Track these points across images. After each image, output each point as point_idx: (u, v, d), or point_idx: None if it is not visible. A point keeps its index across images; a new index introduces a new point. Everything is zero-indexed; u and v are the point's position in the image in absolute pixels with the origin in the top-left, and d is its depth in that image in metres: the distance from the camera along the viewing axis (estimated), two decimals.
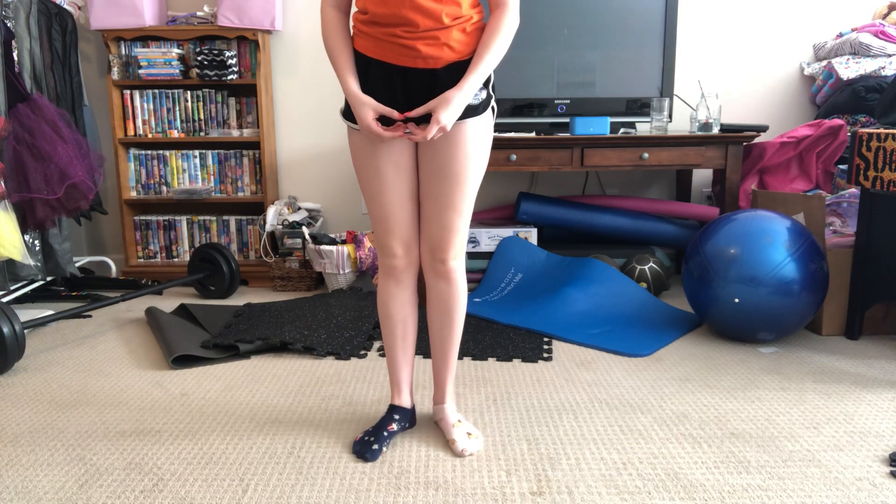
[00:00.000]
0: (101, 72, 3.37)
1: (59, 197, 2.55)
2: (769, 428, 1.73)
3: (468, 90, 1.42)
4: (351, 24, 1.52)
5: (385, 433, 1.65)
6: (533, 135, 2.87)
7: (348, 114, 1.52)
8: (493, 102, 1.54)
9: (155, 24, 3.12)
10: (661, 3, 2.96)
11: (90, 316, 2.77)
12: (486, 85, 1.50)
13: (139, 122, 3.23)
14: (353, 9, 1.53)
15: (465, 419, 1.76)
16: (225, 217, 3.33)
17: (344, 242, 3.04)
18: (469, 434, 1.66)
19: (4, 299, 2.66)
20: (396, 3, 1.40)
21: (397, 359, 1.70)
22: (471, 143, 1.50)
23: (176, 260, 3.36)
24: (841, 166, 2.97)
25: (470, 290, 3.02)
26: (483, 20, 1.50)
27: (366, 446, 1.61)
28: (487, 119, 1.53)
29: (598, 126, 2.83)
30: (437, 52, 1.43)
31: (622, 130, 2.97)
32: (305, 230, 3.09)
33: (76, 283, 3.14)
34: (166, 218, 3.33)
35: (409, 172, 1.55)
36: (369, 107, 1.45)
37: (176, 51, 3.12)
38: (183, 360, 2.22)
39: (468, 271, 3.04)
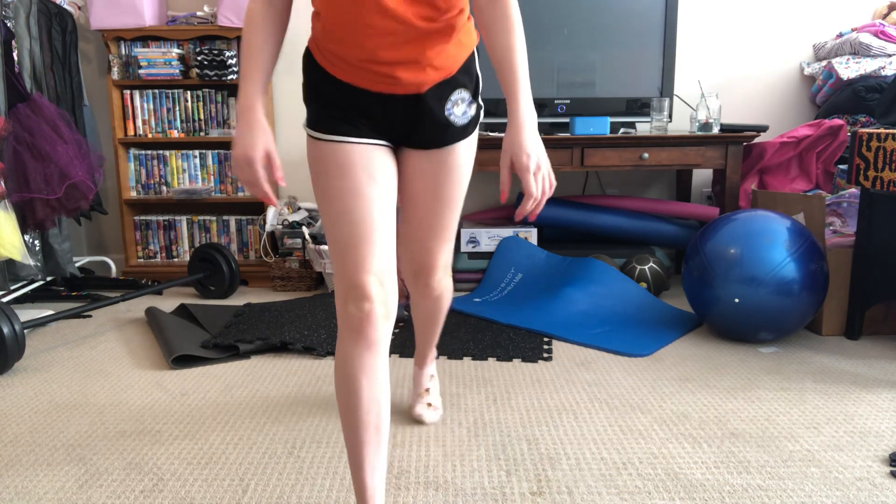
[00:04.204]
0: (101, 72, 3.37)
1: (59, 197, 2.56)
2: (769, 428, 1.73)
3: (530, 118, 1.20)
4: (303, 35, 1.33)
5: None
6: None
7: (317, 122, 1.25)
8: (481, 113, 1.37)
9: (155, 24, 3.11)
10: (661, 3, 2.96)
11: (90, 316, 2.77)
12: (475, 96, 1.32)
13: (139, 122, 3.23)
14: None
15: (436, 388, 1.84)
16: (225, 217, 3.33)
17: None
18: (429, 404, 1.78)
19: (4, 299, 2.66)
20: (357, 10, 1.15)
21: (366, 462, 1.19)
22: (464, 165, 1.36)
23: (176, 260, 3.36)
24: (841, 166, 2.97)
25: (470, 289, 3.02)
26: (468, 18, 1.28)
27: None
28: (476, 135, 1.38)
29: (598, 126, 2.83)
30: (420, 77, 1.22)
31: (622, 130, 2.97)
32: (305, 230, 3.09)
33: (76, 283, 3.14)
34: (166, 218, 3.33)
35: (389, 190, 1.26)
36: (265, 140, 1.16)
37: (176, 51, 3.12)
38: (183, 360, 2.22)
39: (468, 271, 3.04)
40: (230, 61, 3.07)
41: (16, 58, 2.66)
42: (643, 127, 3.21)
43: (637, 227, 3.06)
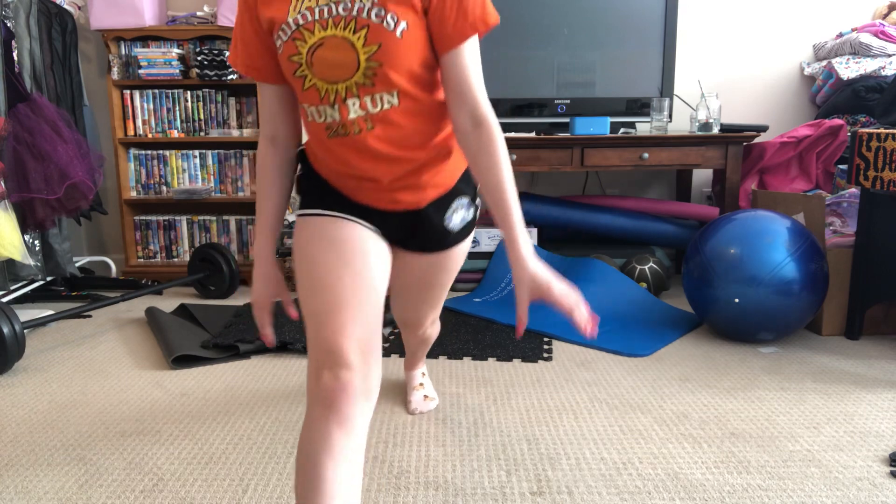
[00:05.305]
0: (101, 72, 3.37)
1: (59, 197, 2.55)
2: (769, 428, 1.73)
3: (528, 249, 1.10)
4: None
5: None
6: (533, 135, 2.87)
7: (312, 204, 1.22)
8: (478, 213, 1.36)
9: (155, 24, 3.12)
10: (661, 3, 2.96)
11: (90, 316, 2.77)
12: (473, 199, 1.32)
13: (139, 122, 3.23)
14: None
15: (428, 382, 1.90)
16: (225, 217, 3.33)
17: None
18: (426, 397, 1.84)
19: (4, 299, 2.66)
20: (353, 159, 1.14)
21: None
22: (459, 259, 1.39)
23: (176, 260, 3.36)
24: (841, 166, 2.97)
25: (470, 289, 3.03)
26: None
27: None
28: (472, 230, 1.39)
29: (598, 126, 2.83)
30: (419, 196, 1.22)
31: (622, 130, 2.97)
32: None
33: (76, 283, 3.14)
34: (166, 218, 3.33)
35: (381, 272, 1.16)
36: (274, 284, 1.24)
37: (176, 51, 3.12)
38: (183, 360, 2.22)
39: (468, 271, 3.04)
40: None
41: (16, 58, 2.66)
42: (643, 127, 3.21)
43: (637, 227, 3.06)
